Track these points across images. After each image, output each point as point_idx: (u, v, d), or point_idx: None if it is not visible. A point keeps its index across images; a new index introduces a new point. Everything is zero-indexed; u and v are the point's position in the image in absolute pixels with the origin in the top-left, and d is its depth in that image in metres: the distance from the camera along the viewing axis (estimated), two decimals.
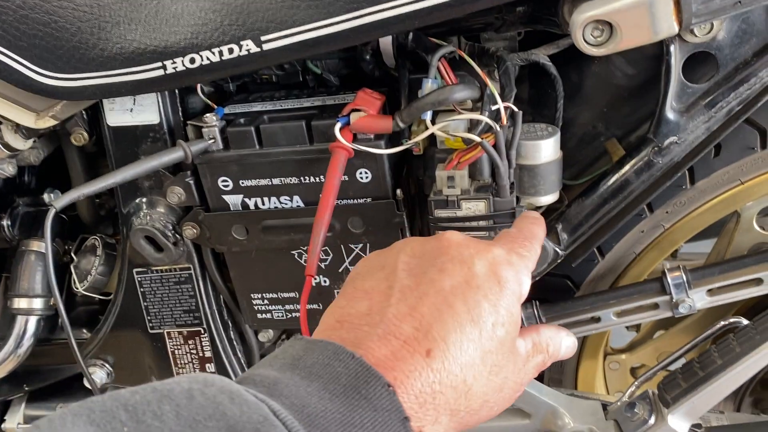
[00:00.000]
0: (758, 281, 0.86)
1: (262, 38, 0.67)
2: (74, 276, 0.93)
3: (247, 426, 0.37)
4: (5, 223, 0.96)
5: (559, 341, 0.61)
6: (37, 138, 0.88)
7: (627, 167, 0.74)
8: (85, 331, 1.01)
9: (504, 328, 0.51)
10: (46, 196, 0.98)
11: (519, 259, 0.56)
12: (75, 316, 1.02)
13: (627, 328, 1.19)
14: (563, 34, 0.73)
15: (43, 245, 0.96)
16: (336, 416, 0.41)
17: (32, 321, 0.96)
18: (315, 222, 0.69)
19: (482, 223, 0.71)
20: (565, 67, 0.77)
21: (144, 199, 0.85)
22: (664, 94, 0.69)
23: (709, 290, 0.87)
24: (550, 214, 0.80)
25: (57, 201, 0.70)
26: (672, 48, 0.67)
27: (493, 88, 0.69)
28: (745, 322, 0.71)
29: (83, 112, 0.84)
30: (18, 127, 0.83)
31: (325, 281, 0.84)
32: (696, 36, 0.66)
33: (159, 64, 0.71)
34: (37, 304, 0.95)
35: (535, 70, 0.79)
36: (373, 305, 0.50)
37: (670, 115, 0.70)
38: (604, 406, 0.79)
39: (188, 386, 0.39)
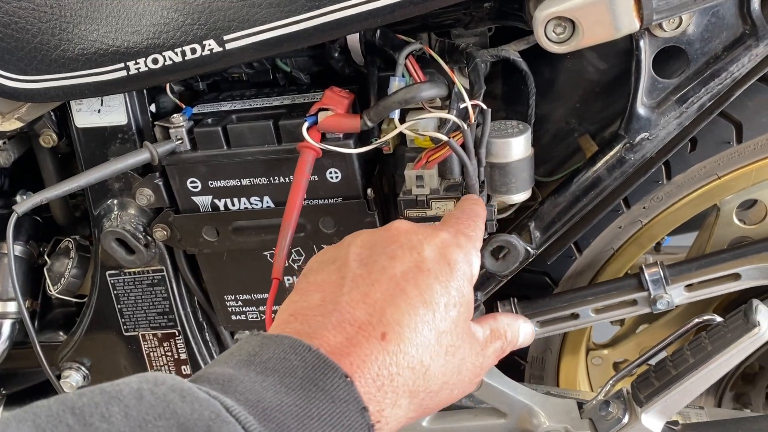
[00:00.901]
0: (736, 276, 0.85)
1: (225, 37, 0.66)
2: (48, 279, 0.92)
3: (198, 423, 0.37)
4: None
5: (517, 327, 0.62)
6: (6, 140, 0.87)
7: (599, 164, 0.73)
8: (61, 333, 1.00)
9: (456, 309, 0.52)
10: (18, 198, 0.96)
11: (467, 240, 0.57)
12: (51, 318, 1.02)
13: (611, 322, 1.19)
14: (531, 30, 0.72)
15: (16, 248, 0.95)
16: (293, 409, 0.41)
17: (6, 324, 0.95)
18: (282, 224, 0.68)
19: None
20: (536, 62, 0.76)
21: (115, 201, 0.84)
22: (634, 89, 0.68)
23: (687, 286, 0.86)
24: (523, 212, 0.79)
25: (19, 206, 0.69)
26: (641, 43, 0.66)
27: (460, 85, 0.68)
28: (719, 319, 0.70)
29: (52, 113, 0.83)
30: None
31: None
32: (665, 30, 0.65)
33: (122, 64, 0.70)
34: (11, 307, 0.94)
35: (508, 66, 0.77)
36: (326, 296, 0.50)
37: (641, 110, 0.69)
38: (580, 405, 0.78)
39: (138, 386, 0.39)
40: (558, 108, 0.83)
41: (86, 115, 0.81)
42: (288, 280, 0.84)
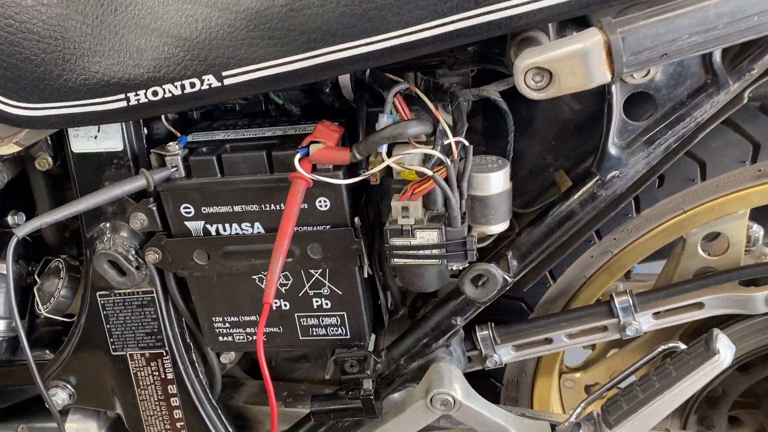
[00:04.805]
0: (700, 305, 0.91)
1: (223, 73, 0.70)
2: (37, 298, 0.94)
3: None
4: None
5: None
6: (0, 162, 0.89)
7: (572, 199, 0.78)
8: (48, 352, 1.02)
9: None
10: (10, 219, 0.98)
11: None
12: (37, 337, 1.03)
13: (583, 347, 1.23)
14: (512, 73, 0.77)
15: (4, 267, 0.96)
16: None
17: None
18: (274, 250, 0.72)
19: (435, 251, 0.74)
20: (515, 101, 0.80)
21: (107, 224, 0.86)
22: (606, 131, 0.73)
23: (655, 313, 0.91)
24: (501, 241, 0.83)
25: (19, 229, 0.71)
26: (613, 89, 0.71)
27: (445, 124, 0.72)
28: (682, 346, 0.75)
29: (48, 138, 0.86)
30: None
31: (285, 305, 0.86)
32: (635, 78, 0.70)
33: (122, 95, 0.73)
34: (0, 325, 0.96)
35: (488, 103, 0.82)
36: None
37: (612, 150, 0.74)
38: (553, 427, 0.82)
39: None
40: (535, 144, 0.88)
41: (83, 140, 0.83)
42: (275, 303, 0.86)
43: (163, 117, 0.84)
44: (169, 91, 0.71)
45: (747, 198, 0.88)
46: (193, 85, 0.71)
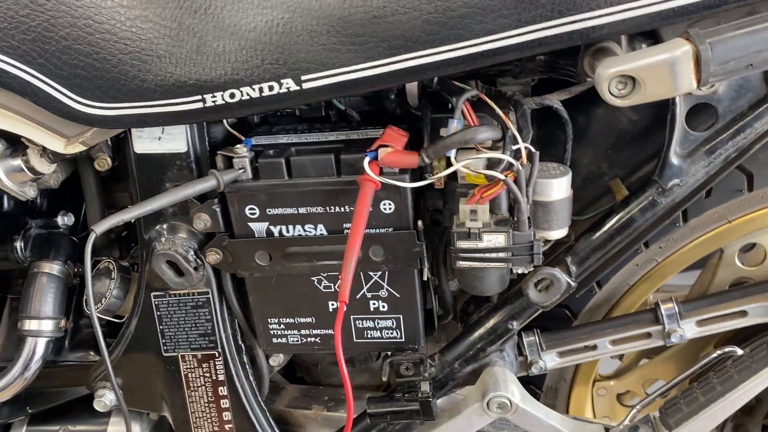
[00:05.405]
0: (743, 313, 0.93)
1: (303, 77, 0.71)
2: (90, 298, 0.94)
3: None
4: (18, 245, 0.97)
5: None
6: (59, 162, 0.90)
7: (632, 206, 0.80)
8: (92, 353, 1.02)
9: None
10: (59, 219, 0.99)
11: None
12: (81, 338, 1.03)
13: (611, 356, 1.25)
14: (576, 82, 0.79)
15: (54, 267, 0.96)
16: None
17: (41, 343, 0.96)
18: (347, 250, 0.73)
19: (501, 255, 0.76)
20: (573, 111, 0.83)
21: (165, 225, 0.87)
22: (668, 140, 0.76)
23: (699, 321, 0.93)
24: (557, 248, 0.85)
25: (98, 225, 0.72)
26: (677, 99, 0.74)
27: (515, 129, 0.74)
28: (740, 351, 0.77)
29: (108, 139, 0.87)
30: (45, 152, 0.84)
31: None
32: (700, 89, 0.72)
33: (199, 97, 0.74)
34: (47, 326, 0.96)
35: (542, 112, 0.85)
36: None
37: (674, 159, 0.77)
38: (607, 430, 0.83)
39: None
40: (589, 153, 0.90)
41: (146, 141, 0.84)
42: (332, 304, 0.88)
43: (225, 120, 0.85)
44: (247, 94, 0.73)
45: None
46: (271, 88, 0.72)
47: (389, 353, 0.90)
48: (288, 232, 0.83)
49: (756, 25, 0.57)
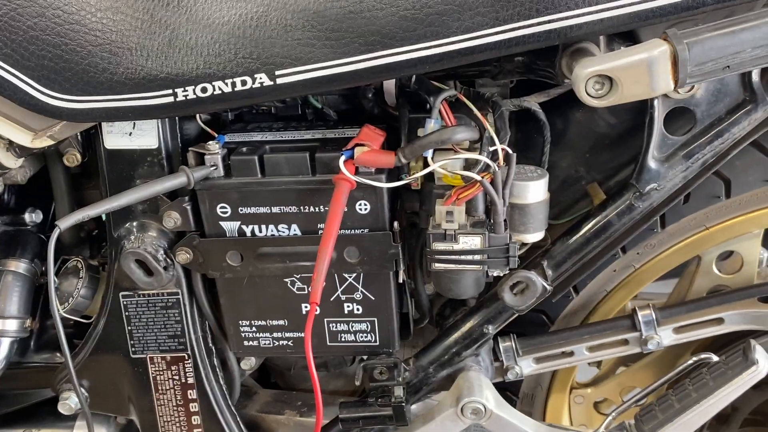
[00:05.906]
0: (720, 320, 0.93)
1: (277, 72, 0.70)
2: (54, 298, 0.91)
3: None
4: None
5: None
6: (26, 157, 0.87)
7: (610, 210, 0.80)
8: (58, 355, 0.99)
9: None
10: (27, 216, 0.96)
11: None
12: (47, 339, 1.00)
13: (588, 363, 1.24)
14: (554, 84, 0.78)
15: (21, 265, 0.94)
16: None
17: (5, 343, 0.93)
18: (320, 250, 0.71)
19: (477, 257, 0.75)
20: (551, 113, 0.82)
21: (135, 223, 0.85)
22: (646, 144, 0.75)
23: (676, 328, 0.93)
24: (534, 251, 0.84)
25: (62, 221, 0.69)
26: (655, 102, 0.73)
27: (492, 130, 0.73)
28: (716, 358, 0.76)
29: (78, 134, 0.84)
30: (11, 145, 0.82)
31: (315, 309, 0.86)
32: (678, 93, 0.72)
33: (170, 91, 0.72)
34: (12, 325, 0.93)
35: (521, 115, 0.84)
36: None
37: (652, 163, 0.76)
38: None
39: None
40: (567, 156, 0.89)
41: (117, 137, 0.82)
42: (305, 306, 0.86)
43: (198, 116, 0.84)
44: (219, 89, 0.71)
45: (765, 217, 0.90)
46: (244, 83, 0.71)
47: (364, 357, 0.88)
48: (260, 231, 0.81)
49: (734, 26, 0.57)
